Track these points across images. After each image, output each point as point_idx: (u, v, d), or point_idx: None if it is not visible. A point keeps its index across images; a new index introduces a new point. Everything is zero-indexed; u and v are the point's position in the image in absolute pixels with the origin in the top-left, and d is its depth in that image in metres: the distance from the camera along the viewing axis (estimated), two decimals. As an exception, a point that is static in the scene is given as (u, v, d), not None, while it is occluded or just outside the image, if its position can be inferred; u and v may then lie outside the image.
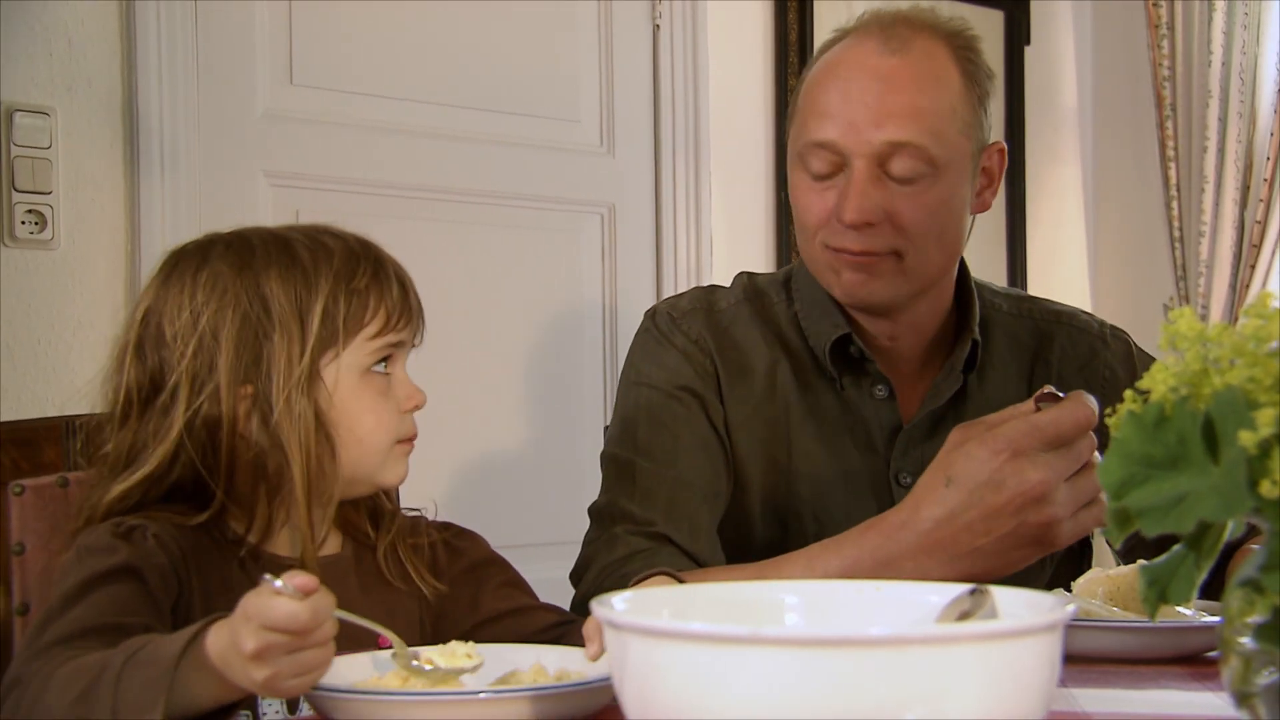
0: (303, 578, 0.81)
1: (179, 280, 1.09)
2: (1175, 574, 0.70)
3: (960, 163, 1.26)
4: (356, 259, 1.10)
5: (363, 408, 1.09)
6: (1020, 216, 3.39)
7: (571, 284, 2.61)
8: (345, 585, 1.10)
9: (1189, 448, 0.67)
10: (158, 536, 1.03)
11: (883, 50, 1.26)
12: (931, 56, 1.26)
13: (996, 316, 1.41)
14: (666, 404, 1.33)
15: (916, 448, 1.34)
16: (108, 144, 2.11)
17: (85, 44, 2.09)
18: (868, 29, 1.29)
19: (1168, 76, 3.17)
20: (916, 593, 0.81)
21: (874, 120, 1.23)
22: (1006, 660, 0.63)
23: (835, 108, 1.25)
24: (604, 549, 1.27)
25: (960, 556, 1.09)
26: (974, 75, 1.29)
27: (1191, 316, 0.70)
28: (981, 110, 1.30)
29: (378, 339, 1.09)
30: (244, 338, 1.06)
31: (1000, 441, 1.07)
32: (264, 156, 2.27)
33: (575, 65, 2.63)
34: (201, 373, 1.06)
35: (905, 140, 1.23)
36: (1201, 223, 3.12)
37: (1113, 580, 1.16)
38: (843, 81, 1.26)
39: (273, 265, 1.08)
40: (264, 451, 1.06)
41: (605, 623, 0.68)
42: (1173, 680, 1.00)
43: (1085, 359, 1.40)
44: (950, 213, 1.27)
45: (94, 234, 2.09)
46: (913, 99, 1.23)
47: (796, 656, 0.60)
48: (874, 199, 1.24)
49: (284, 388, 1.05)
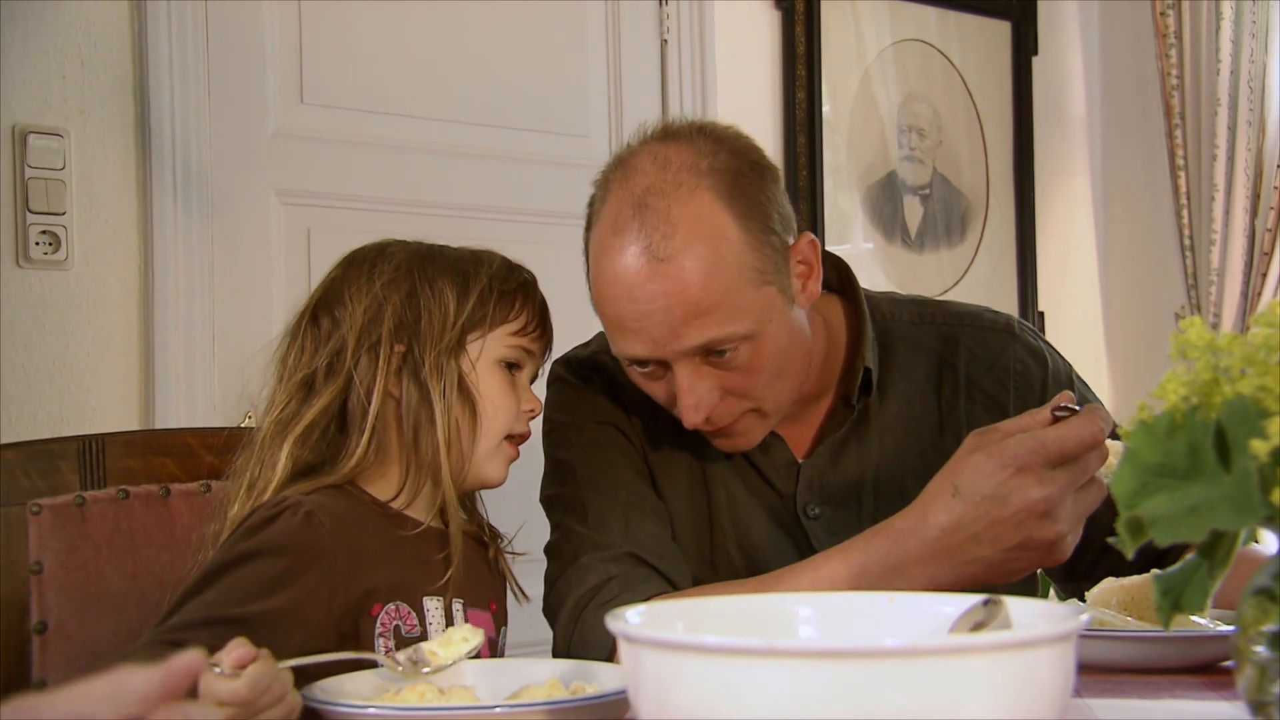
0: (239, 651, 0.89)
1: (361, 262, 1.25)
2: (1189, 583, 0.71)
3: (769, 309, 1.20)
4: (512, 270, 1.29)
5: (492, 389, 1.23)
6: (1030, 228, 3.39)
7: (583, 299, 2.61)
8: (473, 555, 1.25)
9: (1200, 457, 0.67)
10: (311, 514, 1.12)
11: (649, 258, 1.16)
12: (699, 221, 1.16)
13: (896, 328, 1.39)
14: (598, 436, 1.34)
15: (819, 479, 1.33)
16: (121, 165, 2.12)
17: (97, 66, 2.11)
18: (620, 219, 1.18)
19: (1176, 85, 3.17)
20: (930, 604, 0.81)
21: (670, 332, 1.18)
22: (1021, 670, 0.63)
23: (630, 325, 1.19)
24: (575, 580, 1.26)
25: (967, 563, 1.09)
26: (748, 205, 1.19)
27: (1201, 325, 0.70)
28: (768, 231, 1.20)
29: (516, 338, 1.26)
30: (409, 304, 1.22)
31: (1007, 455, 1.08)
32: (276, 175, 2.28)
33: (584, 80, 2.64)
34: (369, 329, 1.21)
35: (710, 340, 1.18)
36: (1212, 231, 3.11)
37: (1127, 590, 1.16)
38: (625, 304, 1.18)
39: (441, 259, 1.26)
40: (412, 406, 1.20)
41: (620, 636, 0.69)
42: (1187, 690, 1.00)
43: (994, 356, 1.38)
44: (783, 353, 1.23)
45: (108, 254, 2.11)
46: (697, 304, 1.16)
47: (812, 668, 0.61)
48: (703, 393, 1.21)
49: (434, 348, 1.21)
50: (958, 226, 3.28)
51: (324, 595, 1.10)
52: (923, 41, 3.22)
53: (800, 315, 1.27)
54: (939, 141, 3.25)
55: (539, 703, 0.88)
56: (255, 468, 1.21)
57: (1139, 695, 0.98)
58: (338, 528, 1.13)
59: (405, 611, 1.16)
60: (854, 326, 1.36)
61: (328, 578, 1.11)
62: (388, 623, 1.14)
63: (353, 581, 1.13)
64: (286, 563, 1.09)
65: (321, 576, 1.10)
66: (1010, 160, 3.38)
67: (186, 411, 2.12)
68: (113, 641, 1.28)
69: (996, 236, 3.35)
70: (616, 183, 1.21)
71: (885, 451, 1.34)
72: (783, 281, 1.22)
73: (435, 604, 1.18)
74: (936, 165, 3.25)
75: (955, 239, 3.28)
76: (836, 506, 1.33)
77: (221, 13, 2.22)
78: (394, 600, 1.15)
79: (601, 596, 1.23)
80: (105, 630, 1.29)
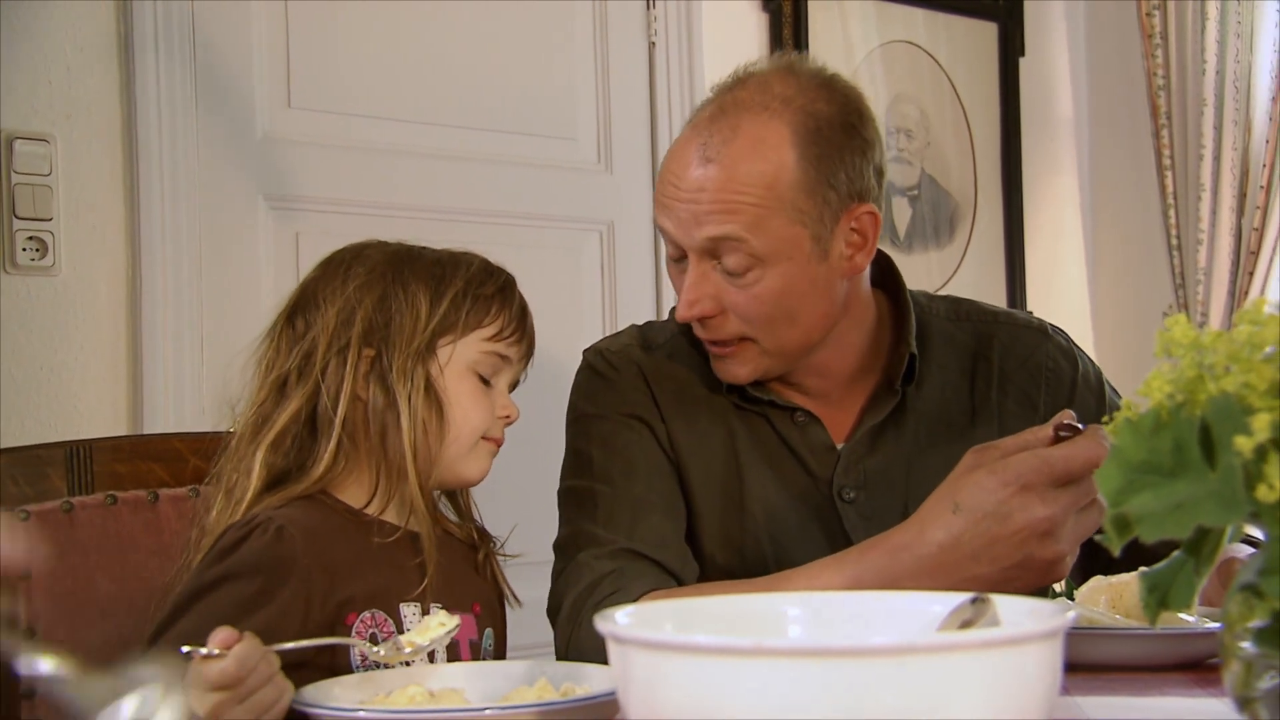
0: (222, 634, 0.90)
1: (337, 264, 1.25)
2: (1175, 580, 0.71)
3: (793, 247, 1.24)
4: (490, 272, 1.27)
5: (462, 393, 1.22)
6: (1018, 227, 3.40)
7: (571, 302, 2.62)
8: (456, 558, 1.25)
9: (1186, 454, 0.67)
10: (282, 529, 1.12)
11: (707, 145, 1.24)
12: (761, 143, 1.23)
13: (933, 322, 1.41)
14: (617, 430, 1.35)
15: (859, 463, 1.35)
16: (107, 170, 2.12)
17: (83, 71, 2.10)
18: (703, 115, 1.28)
19: (1162, 85, 3.19)
20: (918, 602, 0.81)
21: (694, 219, 1.24)
22: (1008, 668, 0.63)
23: (666, 203, 1.27)
24: (572, 580, 1.27)
25: (964, 581, 1.09)
26: (820, 154, 1.25)
27: (1186, 323, 0.70)
28: (827, 186, 1.25)
29: (490, 343, 1.24)
30: (380, 307, 1.22)
31: (1010, 473, 1.08)
32: (263, 180, 2.28)
33: (571, 82, 2.64)
34: (340, 332, 1.21)
35: (724, 235, 1.23)
36: (1199, 230, 3.12)
37: (1114, 587, 1.16)
38: (673, 175, 1.26)
39: (419, 261, 1.25)
40: (378, 410, 1.19)
41: (609, 636, 0.69)
42: (1175, 686, 1.00)
43: (1028, 353, 1.40)
44: (796, 296, 1.26)
45: (95, 260, 2.10)
46: (723, 203, 1.23)
47: (801, 667, 0.61)
48: (705, 292, 1.26)
49: (403, 352, 1.20)
50: (946, 227, 3.29)
51: (299, 610, 1.10)
52: (910, 43, 3.23)
53: (834, 278, 1.29)
54: (927, 143, 3.26)
55: (528, 704, 0.88)
56: (232, 473, 1.20)
57: (1127, 693, 0.99)
58: (309, 541, 1.13)
59: (382, 619, 1.15)
60: (896, 316, 1.39)
61: (303, 592, 1.11)
62: (363, 631, 1.14)
63: (328, 594, 1.13)
64: (260, 582, 1.09)
65: (296, 591, 1.10)
66: (998, 161, 3.39)
67: (174, 416, 2.12)
68: (102, 648, 1.27)
69: (985, 237, 3.36)
70: (723, 87, 1.30)
71: (921, 439, 1.36)
72: (822, 234, 1.26)
73: (412, 610, 1.17)
74: (925, 166, 3.26)
75: (944, 240, 3.28)
76: (872, 491, 1.34)
77: (208, 16, 2.22)
78: (370, 608, 1.15)
79: (597, 595, 1.23)
80: (94, 637, 1.29)
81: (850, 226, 1.28)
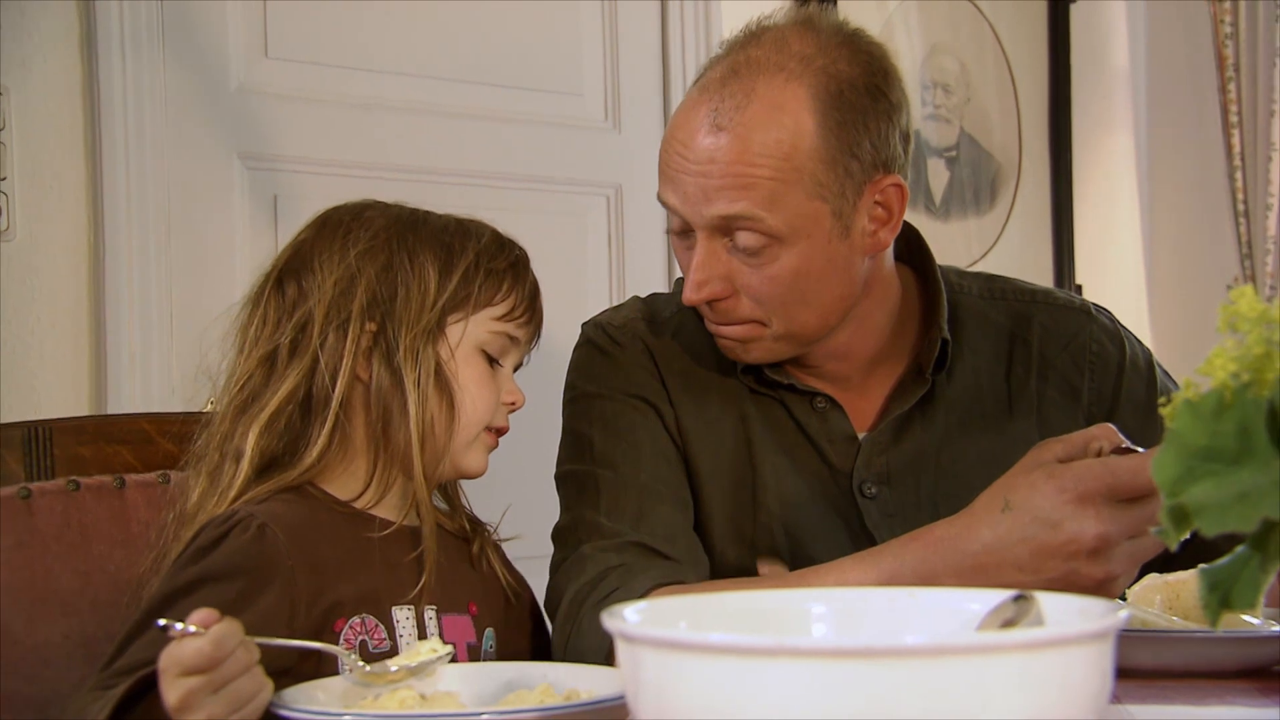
0: (201, 613, 0.90)
1: (335, 225, 1.24)
2: (1239, 578, 0.71)
3: (811, 224, 1.24)
4: (502, 245, 1.26)
5: (470, 378, 1.21)
6: (1066, 191, 3.39)
7: (576, 271, 2.62)
8: (450, 553, 1.24)
9: (1252, 439, 0.67)
10: (264, 527, 1.11)
11: (718, 111, 1.23)
12: (778, 109, 1.23)
13: (966, 301, 1.41)
14: (621, 411, 1.35)
15: (881, 455, 1.34)
16: (67, 125, 2.12)
17: (39, 15, 2.10)
18: (713, 76, 1.26)
19: (1230, 34, 3.17)
20: (955, 600, 0.81)
21: (704, 194, 1.24)
22: (1053, 671, 0.63)
23: (672, 174, 1.26)
24: (574, 573, 1.27)
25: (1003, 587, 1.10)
26: (841, 120, 1.24)
27: (1253, 295, 0.70)
28: (849, 155, 1.24)
29: (501, 322, 1.24)
30: (384, 278, 1.20)
31: (1068, 479, 1.08)
32: (238, 137, 2.28)
33: (576, 31, 2.64)
34: (339, 303, 1.20)
35: (737, 214, 1.23)
36: (1269, 195, 3.12)
37: (1171, 586, 1.16)
38: (679, 144, 1.25)
39: (425, 227, 1.24)
40: (382, 392, 1.19)
41: (618, 635, 0.69)
42: (1238, 695, 1.00)
43: (1070, 335, 1.40)
44: (812, 277, 1.26)
45: (53, 223, 2.11)
46: (735, 177, 1.22)
47: (826, 669, 0.61)
48: (714, 272, 1.26)
49: (411, 329, 1.19)
50: (987, 192, 3.28)
51: (284, 616, 1.10)
52: (949, -13, 3.22)
53: (855, 256, 1.29)
54: (967, 99, 3.25)
55: (528, 709, 0.88)
56: (215, 454, 1.20)
57: (1184, 701, 0.99)
58: (295, 539, 1.13)
59: (372, 624, 1.15)
60: (925, 296, 1.38)
61: (287, 596, 1.11)
62: (353, 638, 1.14)
63: (315, 597, 1.12)
64: (240, 585, 1.09)
65: (280, 596, 1.10)
66: (1045, 119, 3.38)
67: (142, 395, 2.13)
68: (63, 646, 1.28)
69: (1030, 202, 3.35)
70: (735, 44, 1.28)
71: (950, 430, 1.36)
72: (843, 208, 1.26)
73: (406, 614, 1.17)
74: (964, 125, 3.25)
75: (984, 206, 3.28)
76: (895, 486, 1.34)
77: (177, -43, 2.22)
78: (360, 613, 1.15)
79: (599, 591, 1.23)
80: (55, 634, 1.30)
81: (874, 200, 1.27)
